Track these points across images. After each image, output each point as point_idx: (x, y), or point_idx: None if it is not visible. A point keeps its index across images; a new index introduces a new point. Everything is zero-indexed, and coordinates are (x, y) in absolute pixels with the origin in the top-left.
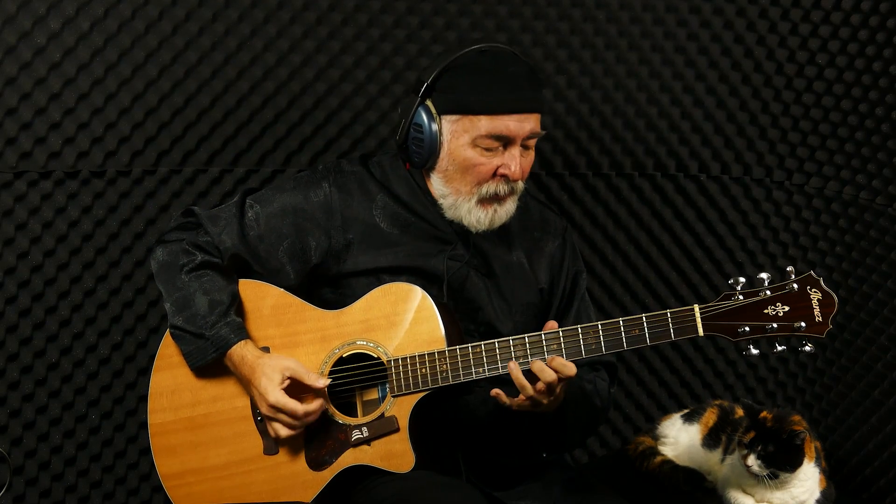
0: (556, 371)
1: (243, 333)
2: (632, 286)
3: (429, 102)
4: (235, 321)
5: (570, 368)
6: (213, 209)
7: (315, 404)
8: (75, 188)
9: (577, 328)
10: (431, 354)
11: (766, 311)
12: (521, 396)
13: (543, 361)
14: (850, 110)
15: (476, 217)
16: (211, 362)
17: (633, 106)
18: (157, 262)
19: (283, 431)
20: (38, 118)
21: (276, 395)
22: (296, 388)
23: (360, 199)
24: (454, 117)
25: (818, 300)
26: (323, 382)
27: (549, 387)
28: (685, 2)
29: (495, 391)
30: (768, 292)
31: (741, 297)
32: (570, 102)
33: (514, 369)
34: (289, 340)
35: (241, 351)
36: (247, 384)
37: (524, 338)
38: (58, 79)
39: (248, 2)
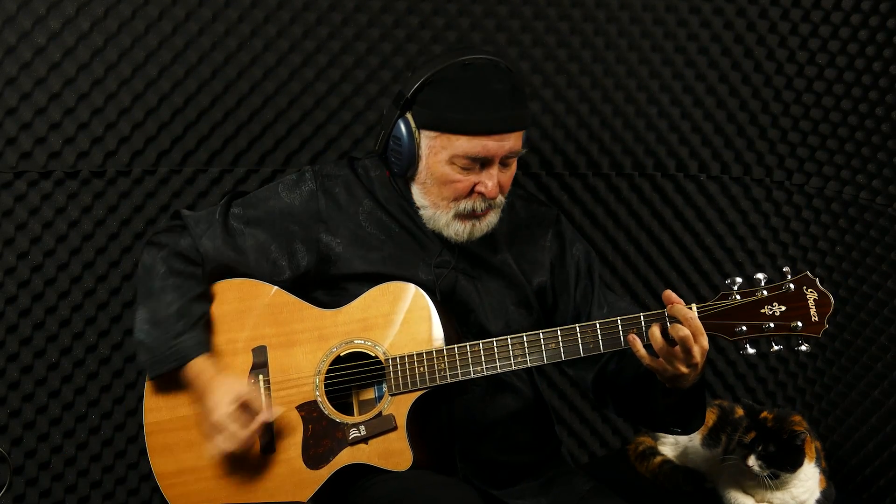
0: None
1: (205, 347)
2: (632, 286)
3: (409, 115)
4: (200, 335)
5: (696, 320)
6: (199, 212)
7: (256, 425)
8: (75, 188)
9: (575, 326)
10: (430, 353)
11: (762, 310)
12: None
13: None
14: (850, 110)
15: (454, 230)
16: (169, 372)
17: (633, 106)
18: (140, 266)
19: (220, 447)
20: (38, 118)
21: (219, 413)
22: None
23: (347, 203)
24: (433, 133)
25: (814, 300)
26: (267, 416)
27: (685, 349)
28: (685, 2)
29: (631, 336)
30: (765, 292)
31: (738, 296)
32: (570, 102)
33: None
34: (286, 339)
35: (201, 366)
36: (199, 396)
37: (522, 336)
38: (58, 79)
39: (248, 2)
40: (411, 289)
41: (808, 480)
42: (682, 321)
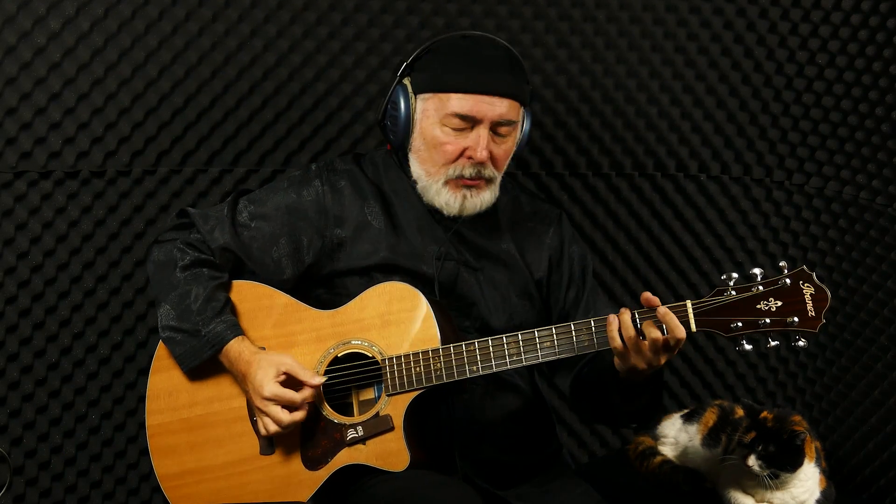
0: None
1: (238, 330)
2: (632, 286)
3: (406, 82)
4: (230, 319)
5: (681, 331)
6: (206, 210)
7: (308, 392)
8: (75, 188)
9: (570, 325)
10: (426, 353)
11: (758, 306)
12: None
13: (656, 324)
14: (850, 110)
15: (445, 199)
16: (206, 360)
17: (633, 106)
18: (153, 263)
19: (273, 427)
20: (38, 118)
21: (271, 387)
22: (290, 386)
23: (352, 198)
24: (427, 95)
25: (811, 295)
26: (318, 380)
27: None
28: (685, 2)
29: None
30: (761, 287)
31: (734, 292)
32: (570, 102)
33: (626, 319)
34: (284, 341)
35: (238, 347)
36: (242, 380)
37: (517, 335)
38: (58, 79)
39: (248, 2)
40: (408, 289)
41: (808, 480)
42: (669, 330)
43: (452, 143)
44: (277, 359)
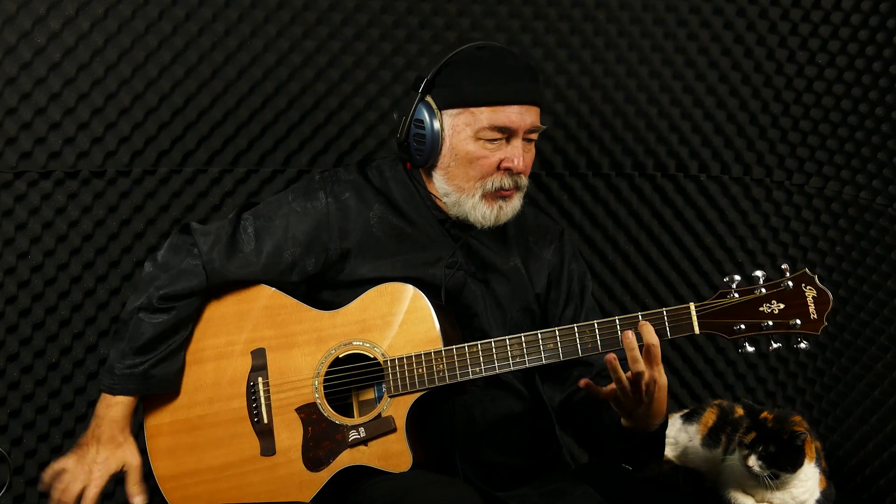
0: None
1: (130, 391)
2: (632, 286)
3: (429, 98)
4: (137, 372)
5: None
6: (209, 226)
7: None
8: (75, 188)
9: (573, 327)
10: (428, 354)
11: (761, 308)
12: (612, 386)
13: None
14: (850, 110)
15: (481, 213)
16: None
17: (633, 106)
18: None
19: (64, 497)
20: (38, 118)
21: (98, 476)
22: None
23: (357, 209)
24: (455, 111)
25: (813, 297)
26: (139, 500)
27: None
28: (685, 2)
29: (585, 381)
30: (763, 290)
31: (736, 294)
32: (570, 102)
33: (630, 337)
34: (285, 341)
35: (118, 412)
36: (92, 437)
37: (520, 337)
38: (58, 79)
39: (248, 2)
40: (409, 290)
41: (808, 480)
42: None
43: (489, 157)
44: (130, 458)
